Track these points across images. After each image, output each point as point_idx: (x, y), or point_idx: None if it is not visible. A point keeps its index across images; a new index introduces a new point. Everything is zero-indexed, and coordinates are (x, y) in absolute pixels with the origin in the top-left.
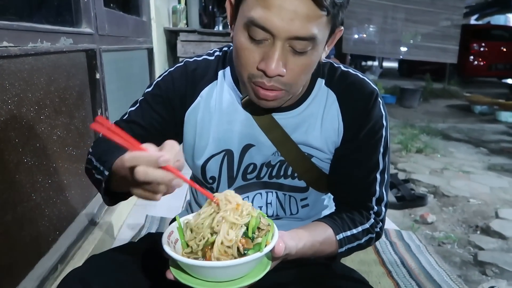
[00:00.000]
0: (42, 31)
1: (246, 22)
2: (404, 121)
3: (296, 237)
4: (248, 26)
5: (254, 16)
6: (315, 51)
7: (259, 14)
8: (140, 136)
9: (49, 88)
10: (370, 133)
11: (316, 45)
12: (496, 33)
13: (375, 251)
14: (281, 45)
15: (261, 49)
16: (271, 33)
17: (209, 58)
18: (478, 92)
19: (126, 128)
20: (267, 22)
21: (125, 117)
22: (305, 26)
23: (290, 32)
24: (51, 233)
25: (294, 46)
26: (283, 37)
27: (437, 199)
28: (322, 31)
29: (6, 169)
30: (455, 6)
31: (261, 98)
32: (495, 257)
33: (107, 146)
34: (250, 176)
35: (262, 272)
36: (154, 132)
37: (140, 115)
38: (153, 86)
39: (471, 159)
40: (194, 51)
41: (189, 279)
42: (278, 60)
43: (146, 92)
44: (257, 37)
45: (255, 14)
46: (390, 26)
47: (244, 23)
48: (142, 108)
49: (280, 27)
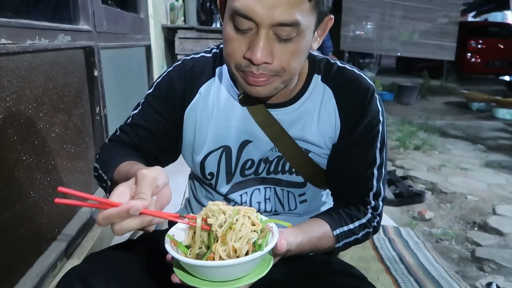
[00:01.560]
0: (40, 28)
1: (231, 13)
2: (402, 118)
3: (293, 234)
4: (233, 17)
5: (237, 5)
6: (301, 37)
7: (242, 3)
8: (145, 139)
9: (47, 86)
10: (367, 128)
11: (302, 32)
12: (493, 30)
13: (374, 247)
14: (266, 33)
15: (246, 38)
16: (255, 21)
17: (206, 55)
18: (475, 89)
19: (131, 132)
20: (250, 10)
21: (128, 121)
22: (288, 12)
23: (272, 19)
24: (50, 231)
25: (278, 34)
26: (266, 24)
27: (435, 196)
28: (306, 17)
29: (5, 167)
30: (453, 3)
31: (251, 85)
32: (492, 253)
33: (109, 155)
34: (248, 172)
35: (266, 269)
36: (157, 133)
37: (143, 118)
38: (154, 87)
39: (468, 156)
40: (192, 48)
41: (195, 280)
42: (263, 48)
43: (147, 94)
44: (242, 27)
45: (238, 4)
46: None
47: (229, 15)
48: (144, 110)
49: (262, 15)
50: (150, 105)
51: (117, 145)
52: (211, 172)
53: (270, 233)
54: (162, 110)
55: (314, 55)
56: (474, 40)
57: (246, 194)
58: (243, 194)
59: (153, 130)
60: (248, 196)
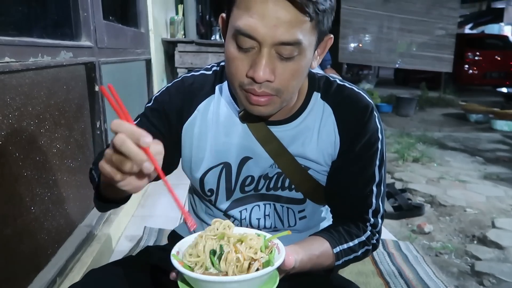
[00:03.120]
0: (43, 46)
1: (234, 32)
2: (401, 130)
3: (294, 251)
4: (235, 36)
5: (240, 25)
6: (302, 56)
7: (244, 22)
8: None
9: (49, 101)
10: (366, 146)
11: (303, 51)
12: (490, 42)
13: (373, 262)
14: (268, 52)
15: (249, 57)
16: (257, 40)
17: (206, 72)
18: (473, 100)
19: None
20: (252, 30)
21: None
22: (289, 32)
23: (274, 38)
24: (49, 246)
25: (280, 52)
26: (268, 43)
27: (434, 209)
28: (307, 36)
29: (6, 183)
30: (450, 16)
31: (253, 104)
32: (492, 267)
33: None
34: (248, 188)
35: (272, 286)
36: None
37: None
38: (152, 101)
39: (467, 168)
40: (191, 61)
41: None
42: (265, 66)
43: (146, 106)
44: (245, 46)
45: (240, 23)
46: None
47: (232, 34)
48: (141, 122)
49: (265, 34)
50: (146, 117)
51: None
52: (210, 189)
53: (276, 250)
54: (158, 124)
55: (314, 73)
56: (471, 52)
57: (246, 210)
58: (243, 211)
59: None
60: (247, 212)
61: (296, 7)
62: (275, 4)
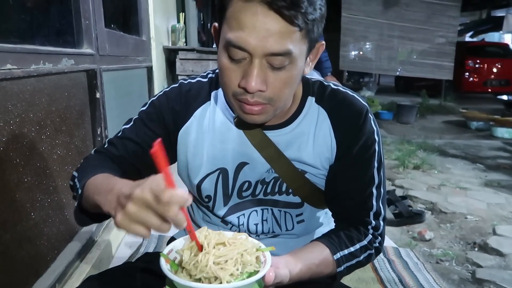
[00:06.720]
0: (45, 53)
1: (225, 44)
2: (401, 137)
3: (291, 263)
4: (227, 47)
5: (231, 37)
6: (293, 65)
7: (235, 35)
8: (134, 152)
9: (50, 108)
10: (363, 148)
11: (294, 60)
12: (490, 50)
13: (373, 269)
14: (259, 62)
15: (241, 67)
16: (248, 52)
17: (202, 80)
18: (474, 108)
19: (120, 145)
20: (243, 41)
21: (119, 134)
22: (279, 42)
23: (265, 49)
24: (49, 252)
25: (271, 62)
26: (259, 54)
27: (435, 216)
28: (297, 46)
29: (7, 188)
30: (450, 24)
31: (247, 113)
32: (492, 275)
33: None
34: (245, 193)
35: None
36: (147, 148)
37: (133, 132)
38: (148, 105)
39: (467, 175)
40: (192, 69)
41: None
42: (256, 77)
43: (140, 110)
44: (236, 57)
45: (231, 36)
46: (386, 43)
47: (223, 45)
48: (136, 125)
49: (255, 45)
50: (142, 120)
51: (100, 157)
52: (208, 195)
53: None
54: (153, 127)
55: (308, 78)
56: (471, 59)
57: (243, 216)
58: (241, 216)
59: (143, 144)
60: (245, 218)
61: (285, 19)
62: (264, 16)
